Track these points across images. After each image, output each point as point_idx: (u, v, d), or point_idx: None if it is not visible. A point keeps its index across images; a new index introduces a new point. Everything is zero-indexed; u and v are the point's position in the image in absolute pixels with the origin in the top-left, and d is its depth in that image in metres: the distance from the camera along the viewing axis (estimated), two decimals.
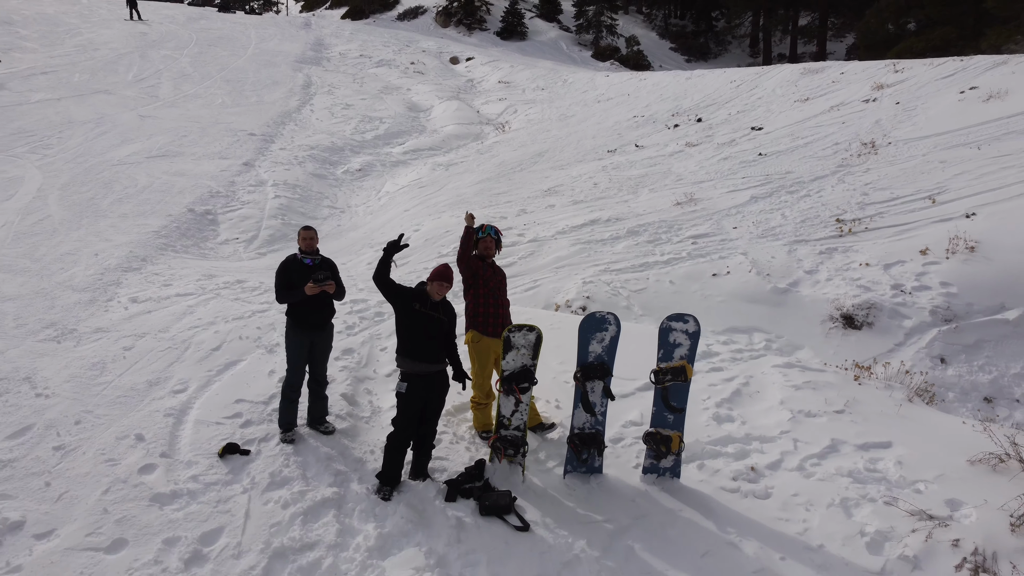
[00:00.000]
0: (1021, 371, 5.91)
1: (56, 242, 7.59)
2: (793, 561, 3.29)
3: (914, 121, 10.64)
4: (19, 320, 5.63)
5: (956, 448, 3.98)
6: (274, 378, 4.86)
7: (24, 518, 3.46)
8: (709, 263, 7.44)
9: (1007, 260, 6.73)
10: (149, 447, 4.06)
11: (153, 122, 14.12)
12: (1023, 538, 3.22)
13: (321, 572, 3.27)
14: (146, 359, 5.05)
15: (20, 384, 4.65)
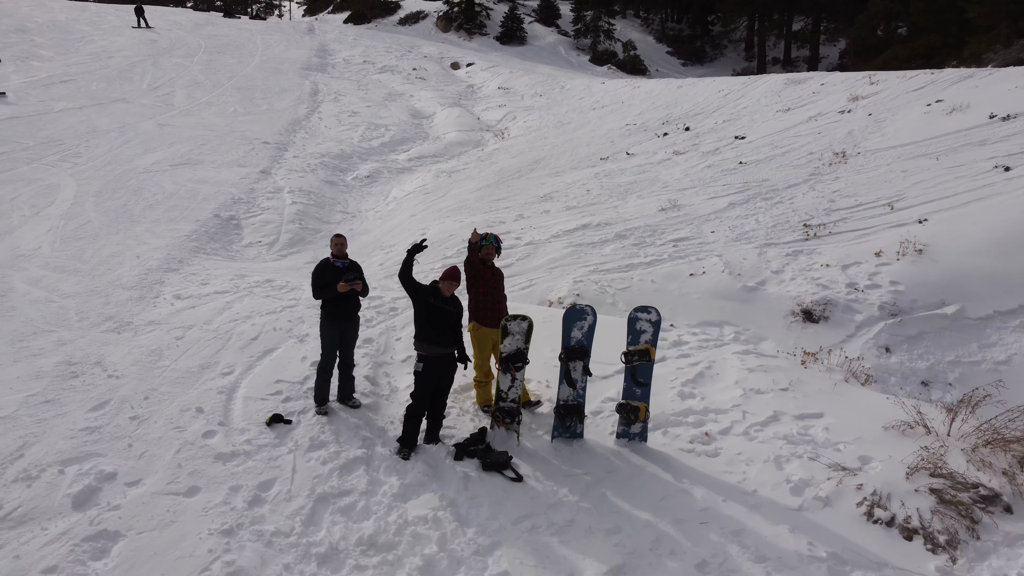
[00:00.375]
0: (955, 359, 6.75)
1: (100, 245, 8.43)
2: (732, 503, 4.12)
3: (883, 132, 11.49)
4: (81, 314, 6.48)
5: (875, 417, 4.82)
6: (306, 363, 5.70)
7: (116, 470, 4.30)
8: (687, 264, 8.28)
9: (950, 262, 7.57)
10: (208, 417, 4.90)
11: (172, 131, 14.98)
12: (914, 483, 4.06)
13: (356, 512, 4.10)
14: (196, 347, 5.90)
15: (93, 367, 5.49)
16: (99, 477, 4.21)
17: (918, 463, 4.18)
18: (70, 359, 5.58)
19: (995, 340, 6.84)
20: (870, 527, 3.86)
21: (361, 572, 3.69)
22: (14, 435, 4.57)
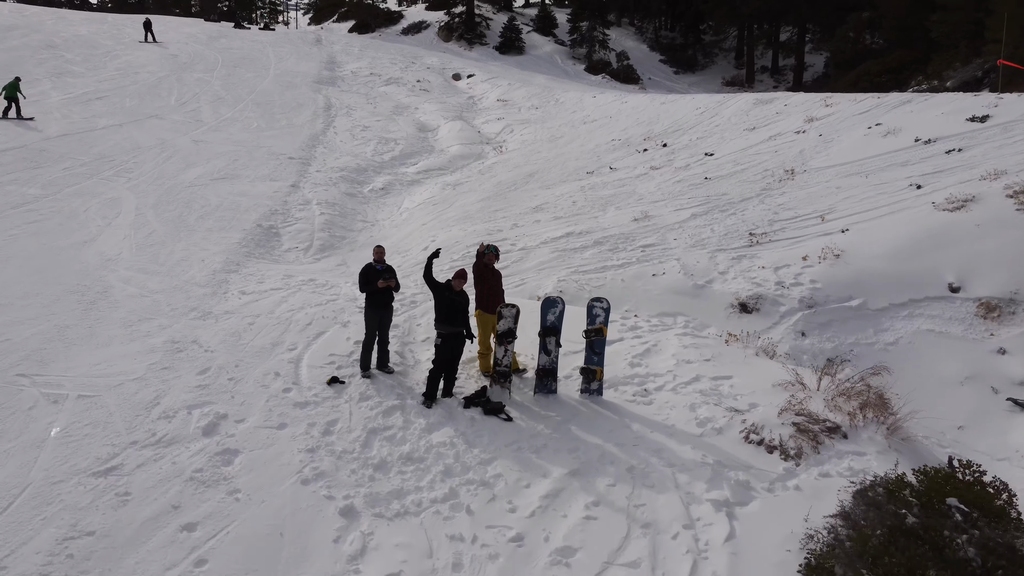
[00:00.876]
0: (855, 341, 8.55)
1: (169, 251, 10.25)
2: (656, 433, 5.95)
3: (828, 152, 13.31)
4: (170, 306, 8.30)
5: (768, 379, 6.64)
6: (350, 342, 7.52)
7: (227, 412, 6.12)
8: (651, 266, 10.09)
9: (860, 264, 9.37)
10: (284, 379, 6.72)
11: (206, 146, 16.81)
12: (782, 419, 5.88)
13: (396, 439, 5.92)
14: (265, 330, 7.72)
15: (191, 344, 7.32)
16: (216, 416, 6.04)
17: (787, 406, 6.01)
18: (173, 339, 7.41)
19: (887, 326, 8.65)
20: (746, 446, 5.70)
21: (402, 475, 5.51)
22: (149, 390, 6.40)
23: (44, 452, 5.51)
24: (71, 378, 6.58)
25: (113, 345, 7.26)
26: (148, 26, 32.09)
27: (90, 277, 9.00)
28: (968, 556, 4.29)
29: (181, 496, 5.09)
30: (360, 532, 4.89)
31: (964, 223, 9.44)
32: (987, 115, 12.52)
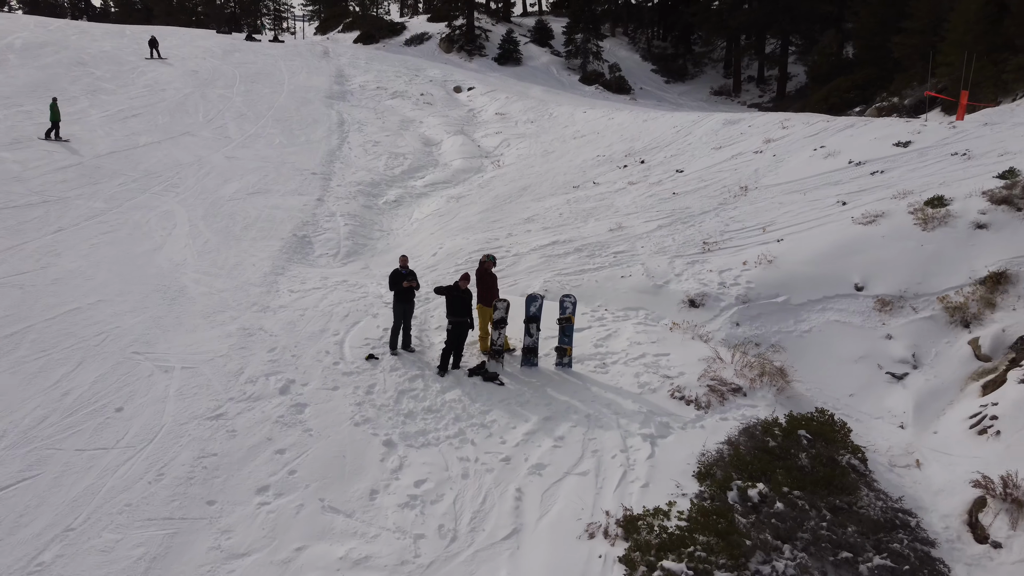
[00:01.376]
0: (778, 329, 10.72)
1: (224, 257, 12.46)
2: (609, 393, 8.15)
3: (778, 171, 15.52)
4: (236, 301, 10.50)
5: (697, 356, 8.85)
6: (380, 328, 9.71)
7: (295, 379, 8.33)
8: (620, 269, 12.28)
9: (788, 268, 11.57)
10: (332, 355, 8.92)
11: (238, 163, 19.01)
12: (700, 383, 8.09)
13: (419, 397, 8.12)
14: (313, 320, 9.93)
15: (259, 331, 9.52)
16: (287, 381, 8.25)
17: (704, 373, 8.23)
18: (244, 326, 9.62)
19: (804, 318, 10.83)
20: (671, 400, 7.92)
21: (424, 420, 7.72)
22: (234, 363, 8.61)
23: (168, 405, 7.72)
24: (173, 355, 8.79)
25: (198, 331, 9.47)
26: (154, 43, 33.76)
27: (167, 279, 11.21)
28: (802, 463, 6.51)
29: (272, 432, 7.30)
30: (398, 455, 7.10)
31: (872, 235, 11.65)
32: (910, 141, 14.75)
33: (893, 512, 6.21)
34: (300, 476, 6.70)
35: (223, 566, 5.61)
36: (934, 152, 14.06)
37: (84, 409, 7.57)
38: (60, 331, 9.19)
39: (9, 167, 16.62)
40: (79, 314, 9.70)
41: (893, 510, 6.26)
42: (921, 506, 7.41)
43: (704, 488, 6.27)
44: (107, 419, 7.40)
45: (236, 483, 6.55)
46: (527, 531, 6.09)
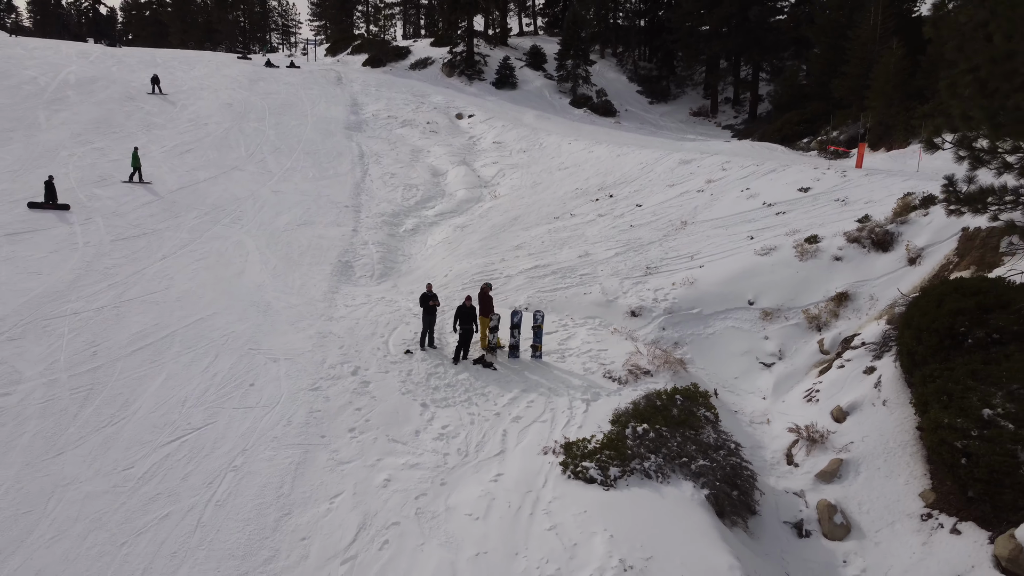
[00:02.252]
0: (691, 332, 15.09)
1: (291, 279, 16.83)
2: (565, 375, 12.55)
3: (712, 208, 19.89)
4: (308, 313, 14.89)
5: (625, 351, 13.24)
6: (411, 333, 14.09)
7: (359, 366, 12.73)
8: (584, 288, 16.66)
9: (704, 288, 15.94)
10: (382, 351, 13.32)
11: (283, 196, 23.38)
12: (623, 367, 12.48)
13: (441, 378, 12.51)
14: (365, 327, 14.32)
15: (329, 334, 13.92)
16: (355, 367, 12.65)
17: (627, 362, 12.64)
18: (319, 331, 14.01)
19: (711, 324, 15.21)
20: (604, 379, 12.34)
21: (445, 391, 12.11)
22: (318, 356, 13.00)
23: (282, 382, 12.11)
24: (276, 350, 13.18)
25: (288, 335, 13.87)
26: (156, 80, 36.56)
27: (255, 296, 15.61)
28: (672, 413, 10.91)
29: (351, 398, 11.70)
30: (430, 412, 11.49)
31: (766, 263, 16.06)
32: (809, 187, 19.16)
33: (722, 441, 10.59)
34: (372, 423, 11.09)
35: (337, 467, 10.00)
36: (824, 197, 18.47)
37: (229, 384, 11.95)
38: (195, 335, 13.58)
39: (106, 203, 21.00)
40: (204, 323, 14.10)
41: (722, 440, 10.65)
42: (762, 445, 11.86)
43: (613, 427, 10.66)
44: (246, 391, 11.79)
45: (335, 426, 10.95)
46: (508, 451, 10.48)
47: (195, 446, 10.26)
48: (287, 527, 8.81)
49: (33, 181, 21.91)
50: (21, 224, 18.54)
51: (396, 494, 9.43)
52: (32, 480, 9.37)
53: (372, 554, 8.39)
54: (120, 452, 10.05)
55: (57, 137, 27.43)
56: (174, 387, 11.73)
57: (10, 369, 11.84)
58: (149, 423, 10.74)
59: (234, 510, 9.03)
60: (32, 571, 7.97)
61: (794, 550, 9.64)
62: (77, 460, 9.83)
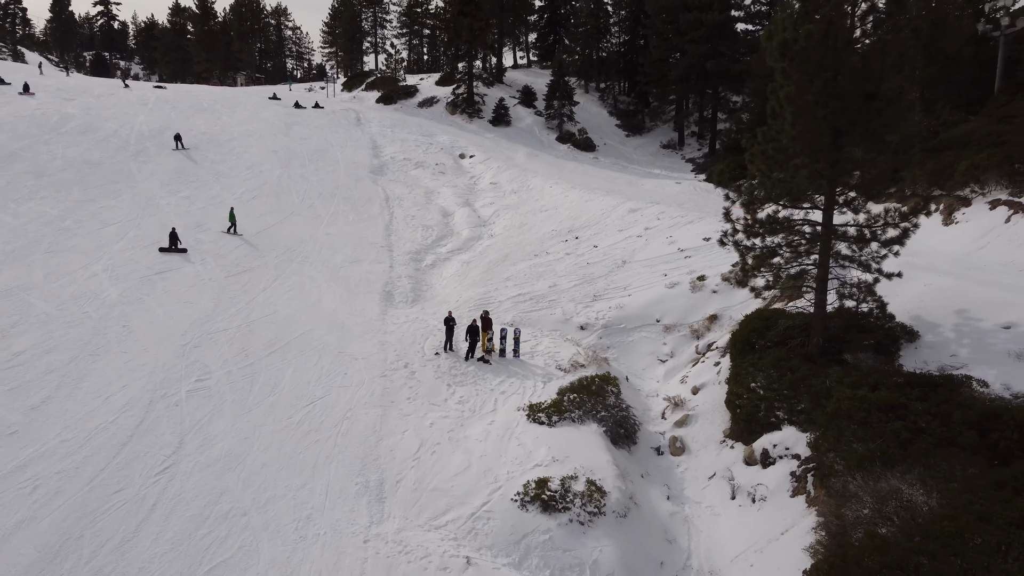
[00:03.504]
0: (621, 341, 23.16)
1: (354, 305, 24.95)
2: (532, 367, 20.73)
3: (645, 251, 27.98)
4: (371, 329, 23.03)
5: (571, 352, 21.40)
6: (438, 342, 22.23)
7: (408, 362, 20.89)
8: (550, 311, 24.77)
9: (629, 310, 24.03)
10: (420, 353, 21.46)
11: (334, 239, 31.44)
12: (570, 361, 20.66)
13: (458, 369, 20.67)
14: (409, 338, 22.47)
15: (388, 343, 22.07)
16: (406, 363, 20.82)
17: (571, 359, 20.82)
18: (380, 341, 22.18)
19: (632, 335, 23.28)
20: (556, 369, 20.54)
21: (461, 377, 20.29)
22: (381, 356, 21.16)
23: (363, 372, 20.26)
24: (356, 353, 21.32)
25: (361, 343, 22.02)
26: (178, 138, 42.15)
27: (333, 317, 23.75)
28: (593, 389, 19.12)
29: (405, 381, 19.84)
30: (452, 389, 19.64)
31: (671, 293, 24.22)
32: (710, 237, 27.27)
33: (618, 403, 18.75)
34: (419, 394, 19.24)
35: (403, 418, 18.14)
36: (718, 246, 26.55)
37: (332, 374, 20.09)
38: (303, 343, 21.72)
39: (209, 246, 29.11)
40: (306, 336, 22.24)
41: (618, 403, 18.80)
42: (650, 408, 20.03)
43: (557, 396, 18.82)
44: (343, 377, 19.92)
45: (398, 396, 19.11)
46: (498, 410, 18.63)
47: (321, 407, 18.39)
48: (382, 446, 16.93)
49: (151, 228, 30.06)
50: (161, 265, 26.66)
51: (437, 430, 17.57)
52: (241, 425, 17.48)
53: (427, 457, 16.51)
54: (281, 410, 18.17)
55: (151, 187, 35.56)
56: (300, 375, 19.86)
57: (203, 365, 19.96)
58: (292, 395, 18.87)
59: (352, 438, 17.15)
60: (259, 464, 16.04)
61: (653, 460, 17.79)
62: (260, 414, 17.95)
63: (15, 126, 40.94)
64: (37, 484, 14.47)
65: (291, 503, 14.67)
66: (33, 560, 12.62)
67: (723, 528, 14.90)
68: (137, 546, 13.19)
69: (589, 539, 13.85)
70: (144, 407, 17.52)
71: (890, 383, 14.73)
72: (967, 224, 23.52)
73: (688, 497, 16.13)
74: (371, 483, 15.44)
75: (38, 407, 17.10)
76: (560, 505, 14.46)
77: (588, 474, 15.27)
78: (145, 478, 14.99)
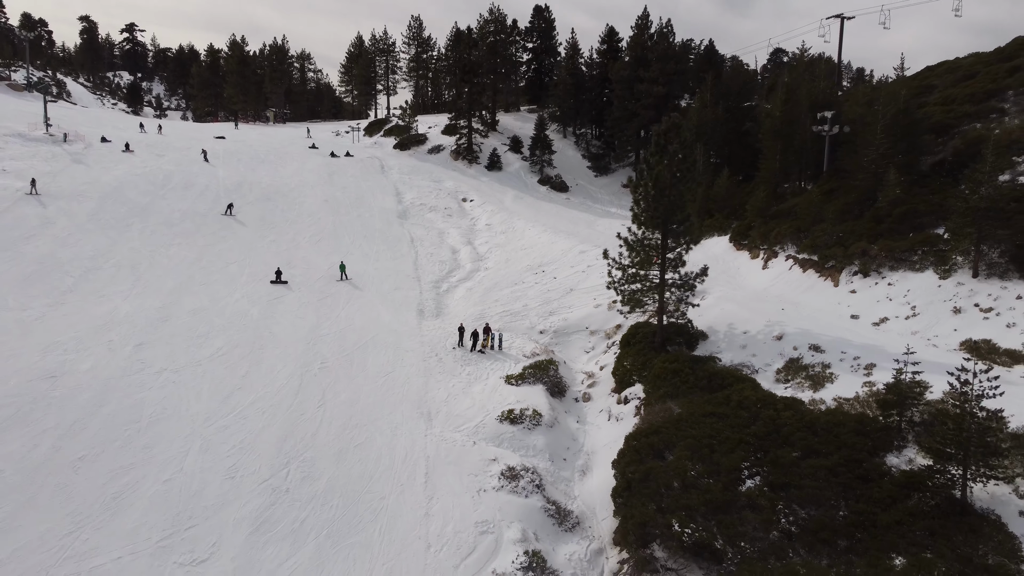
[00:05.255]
0: (562, 339, 38.30)
1: (401, 318, 40.15)
2: (507, 357, 36.00)
3: (585, 282, 43.06)
4: (414, 333, 38.27)
5: (532, 347, 36.67)
6: (455, 340, 37.49)
7: (437, 353, 36.15)
8: (523, 321, 39.98)
9: (571, 321, 39.20)
10: (445, 347, 36.71)
11: (381, 273, 46.48)
12: (529, 350, 35.96)
13: (466, 356, 35.92)
14: (438, 339, 37.71)
15: (425, 342, 37.34)
16: (435, 353, 36.10)
17: (532, 351, 36.11)
18: (420, 340, 37.41)
19: (571, 337, 38.48)
20: (523, 357, 35.84)
21: (468, 364, 35.59)
22: (422, 350, 36.38)
23: (415, 358, 35.54)
24: (408, 347, 36.53)
25: (409, 341, 37.21)
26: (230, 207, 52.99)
27: (391, 327, 38.97)
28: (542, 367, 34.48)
29: (436, 364, 35.07)
30: (464, 366, 34.90)
31: (596, 312, 39.60)
32: None
33: (556, 375, 33.98)
34: (446, 369, 34.47)
35: (439, 382, 33.37)
36: None
37: (396, 360, 35.30)
38: (376, 343, 36.94)
39: (300, 280, 44.27)
40: (376, 339, 37.46)
41: (557, 375, 34.02)
42: (576, 378, 35.39)
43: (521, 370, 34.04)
44: (402, 361, 35.14)
45: (434, 371, 34.35)
46: (489, 378, 33.82)
47: (392, 377, 33.60)
48: (427, 395, 32.10)
49: (258, 265, 45.22)
50: (275, 293, 41.84)
51: (455, 388, 32.76)
52: (352, 386, 32.62)
53: (451, 401, 31.67)
54: (371, 378, 33.34)
55: (247, 233, 50.71)
56: (377, 359, 35.05)
57: (322, 355, 35.10)
58: (375, 371, 34.04)
59: (411, 392, 32.32)
60: (366, 404, 31.15)
61: (572, 405, 33.03)
62: (360, 381, 33.10)
63: (136, 184, 56.05)
64: (263, 411, 29.59)
65: (386, 422, 29.84)
66: (275, 442, 27.74)
67: (601, 433, 30.17)
68: (317, 438, 28.31)
69: (532, 436, 29.07)
70: (299, 377, 32.70)
71: (680, 360, 30.07)
72: (772, 270, 38.94)
73: (588, 420, 31.43)
74: (423, 412, 30.65)
75: (245, 376, 32.23)
76: (519, 421, 29.72)
77: (534, 408, 30.54)
78: (312, 410, 30.14)
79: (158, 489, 24.01)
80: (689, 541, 20.31)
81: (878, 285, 32.34)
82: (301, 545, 22.04)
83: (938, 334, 27.66)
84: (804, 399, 24.99)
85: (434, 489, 25.19)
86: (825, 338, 28.23)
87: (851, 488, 20.32)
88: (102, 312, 36.51)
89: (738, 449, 22.81)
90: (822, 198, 40.17)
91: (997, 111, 43.02)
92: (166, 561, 21.04)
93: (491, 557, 21.99)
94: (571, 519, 24.50)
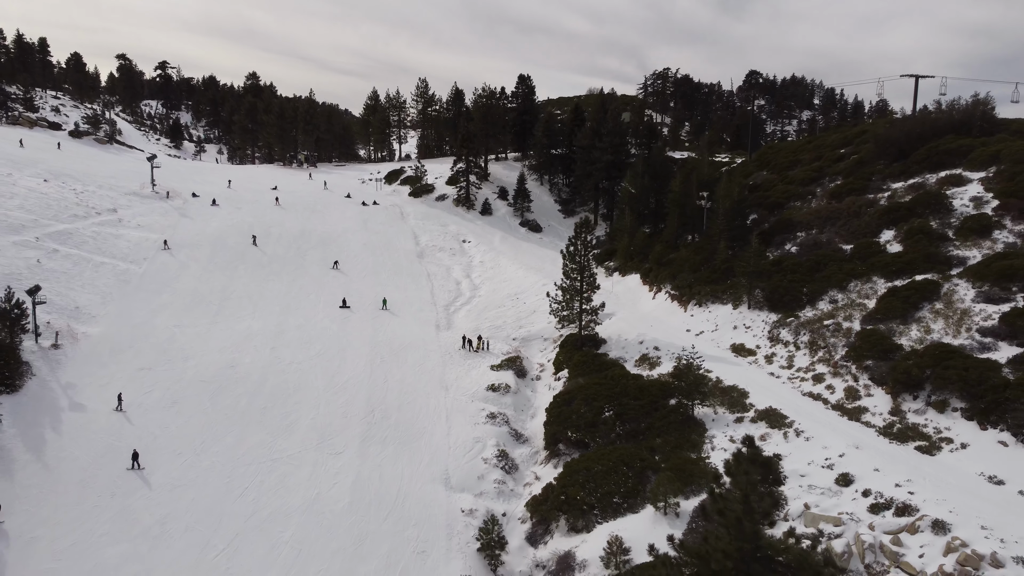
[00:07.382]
0: (527, 343, 61.46)
1: (425, 332, 63.41)
2: (491, 352, 59.35)
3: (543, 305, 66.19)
4: (432, 341, 61.62)
5: (508, 347, 60.07)
6: (462, 343, 60.81)
7: (449, 351, 59.52)
8: (504, 331, 63.20)
9: (533, 331, 62.47)
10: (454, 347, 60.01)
11: (408, 300, 69.52)
12: (505, 346, 59.31)
13: (467, 354, 59.22)
14: (450, 343, 60.99)
15: (441, 345, 60.69)
16: (448, 352, 59.51)
17: (507, 351, 59.43)
18: (438, 345, 60.68)
19: (533, 341, 61.63)
20: (501, 355, 59.24)
21: (469, 356, 58.93)
22: (440, 350, 59.74)
23: (437, 355, 58.89)
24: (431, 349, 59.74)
25: (431, 345, 60.53)
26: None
27: (421, 337, 62.27)
28: (512, 360, 57.97)
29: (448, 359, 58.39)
30: (466, 360, 58.14)
31: (549, 326, 63.02)
32: None
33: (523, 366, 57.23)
34: (455, 361, 57.65)
35: (453, 365, 56.63)
36: None
37: (427, 357, 58.49)
38: (413, 346, 60.03)
39: (356, 304, 67.50)
40: (412, 345, 60.58)
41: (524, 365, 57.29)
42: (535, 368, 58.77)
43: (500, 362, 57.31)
44: (429, 356, 58.40)
45: (447, 363, 57.57)
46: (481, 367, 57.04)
47: (422, 366, 56.79)
48: (445, 376, 55.30)
49: (327, 295, 68.41)
50: (344, 315, 64.98)
51: (461, 372, 55.96)
52: (400, 373, 55.83)
53: (459, 379, 54.91)
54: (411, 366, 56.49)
55: (315, 270, 73.93)
56: (415, 356, 58.17)
57: (381, 354, 58.23)
58: (413, 362, 57.16)
59: (434, 375, 55.50)
60: (409, 382, 54.37)
61: (531, 382, 56.51)
62: (406, 369, 56.32)
63: (231, 233, 79.17)
64: (353, 385, 52.68)
65: (422, 391, 53.03)
66: (364, 400, 50.84)
67: (544, 397, 53.40)
68: (386, 398, 51.49)
69: (504, 398, 52.39)
70: (369, 366, 55.85)
71: (588, 355, 53.53)
72: (656, 300, 62.34)
73: (537, 390, 54.84)
74: (443, 384, 53.89)
75: (339, 366, 55.33)
76: (497, 390, 53.03)
77: (507, 383, 53.84)
78: (380, 384, 53.27)
79: (308, 422, 47.33)
80: (575, 439, 43.71)
81: (704, 311, 55.58)
82: (387, 447, 45.39)
83: (723, 340, 50.90)
84: (643, 375, 48.40)
85: (450, 424, 48.54)
86: (663, 342, 51.64)
87: (649, 414, 43.66)
88: (242, 328, 59.75)
89: (605, 399, 46.21)
90: (688, 254, 63.60)
91: (812, 194, 66.71)
92: (323, 452, 44.33)
93: (480, 451, 45.35)
94: (523, 438, 47.94)
